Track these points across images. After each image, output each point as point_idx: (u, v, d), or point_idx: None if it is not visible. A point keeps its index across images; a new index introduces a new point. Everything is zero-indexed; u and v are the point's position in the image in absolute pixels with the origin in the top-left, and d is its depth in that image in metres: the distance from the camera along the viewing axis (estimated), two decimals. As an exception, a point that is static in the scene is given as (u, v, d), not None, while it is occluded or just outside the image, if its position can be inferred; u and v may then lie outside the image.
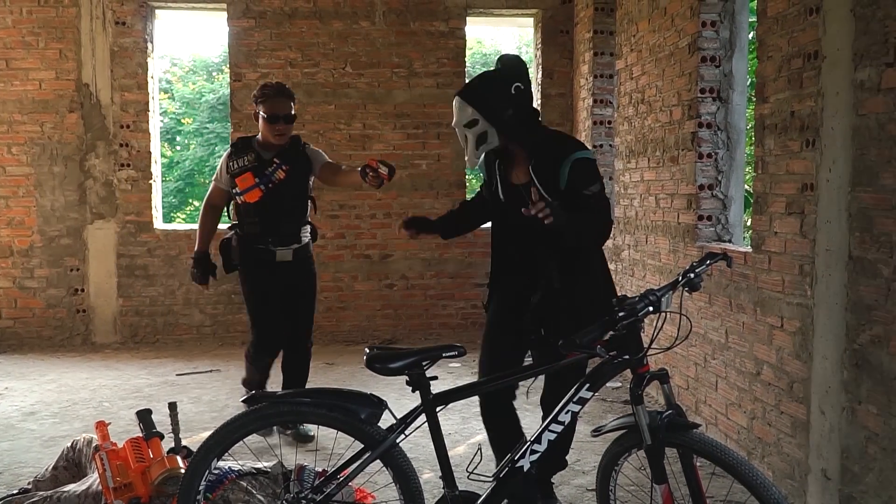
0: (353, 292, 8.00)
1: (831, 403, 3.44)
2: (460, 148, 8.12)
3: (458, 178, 8.11)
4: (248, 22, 7.76)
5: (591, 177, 3.29)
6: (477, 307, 8.06)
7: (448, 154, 7.98)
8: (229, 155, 4.79)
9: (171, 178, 21.51)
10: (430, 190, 8.02)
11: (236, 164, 4.72)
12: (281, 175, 4.67)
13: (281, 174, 4.67)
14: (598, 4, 7.28)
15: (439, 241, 7.90)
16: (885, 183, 3.06)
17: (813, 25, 3.57)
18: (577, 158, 3.27)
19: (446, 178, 8.05)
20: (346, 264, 7.99)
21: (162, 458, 3.47)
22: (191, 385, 6.30)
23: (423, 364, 2.69)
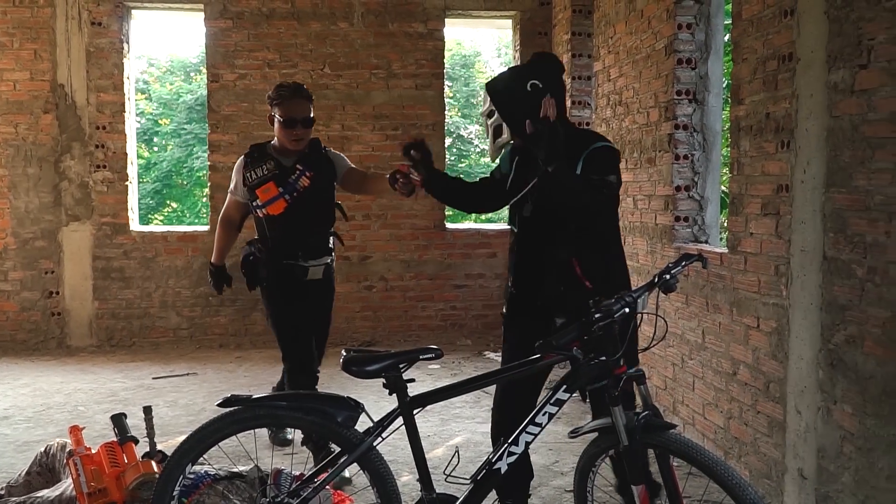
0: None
1: (807, 403, 3.46)
2: (439, 149, 8.21)
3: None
4: (225, 22, 7.71)
5: (604, 165, 3.16)
6: (456, 308, 8.07)
7: (427, 155, 7.94)
8: (245, 165, 4.34)
9: (148, 180, 21.34)
10: (408, 191, 7.98)
11: (254, 174, 4.28)
12: (305, 182, 4.25)
13: (305, 181, 4.26)
14: (575, 6, 7.30)
15: (418, 241, 7.94)
16: (858, 184, 3.09)
17: (788, 28, 3.60)
18: (594, 147, 3.18)
19: (425, 180, 8.02)
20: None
21: (137, 462, 3.44)
22: (167, 389, 6.25)
23: (400, 366, 2.68)
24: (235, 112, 7.78)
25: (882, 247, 2.95)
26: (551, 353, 2.62)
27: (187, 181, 21.60)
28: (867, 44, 3.02)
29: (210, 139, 7.88)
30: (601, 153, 3.18)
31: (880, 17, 2.94)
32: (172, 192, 21.95)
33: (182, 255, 7.83)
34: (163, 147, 22.14)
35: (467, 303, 8.15)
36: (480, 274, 8.16)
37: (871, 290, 3.02)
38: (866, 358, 3.05)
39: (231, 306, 7.87)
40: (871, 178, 3.01)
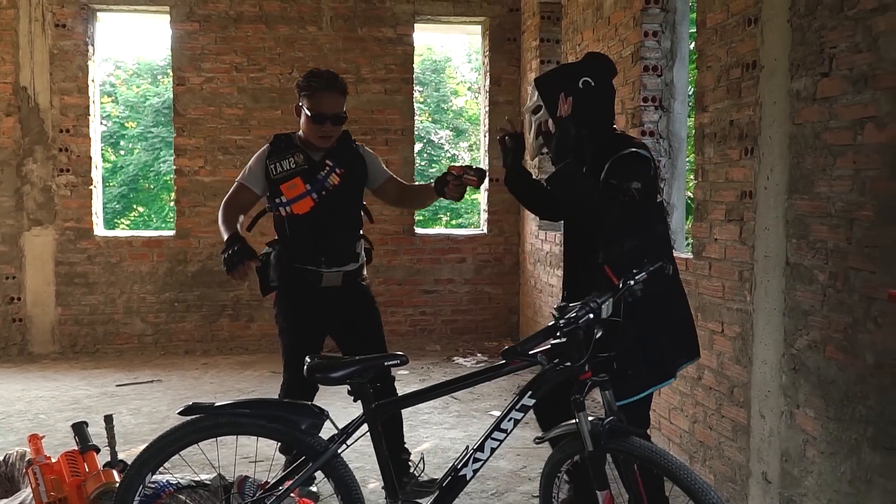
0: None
1: (771, 407, 3.49)
2: (409, 154, 8.22)
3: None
4: (191, 25, 7.65)
5: (626, 170, 2.99)
6: (425, 314, 8.06)
7: (396, 160, 7.95)
8: (269, 155, 3.86)
9: (114, 184, 21.09)
10: (377, 196, 7.97)
11: (279, 166, 3.81)
12: (335, 180, 3.83)
13: (335, 179, 3.83)
14: (544, 13, 7.34)
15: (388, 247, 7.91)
16: (820, 190, 3.12)
17: (751, 36, 3.63)
18: (623, 153, 3.02)
19: (394, 185, 8.01)
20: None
21: (98, 472, 3.39)
22: (131, 396, 6.17)
23: (365, 373, 2.66)
24: (202, 116, 7.71)
25: (843, 253, 2.99)
26: (516, 359, 2.61)
27: (154, 185, 21.38)
28: (829, 52, 3.06)
29: (176, 143, 7.81)
30: (626, 159, 3.02)
31: (842, 25, 2.98)
32: (139, 196, 21.72)
33: (147, 261, 7.75)
34: (129, 151, 21.90)
35: (436, 308, 8.15)
36: (450, 279, 8.16)
37: (832, 295, 3.05)
38: (828, 363, 3.08)
39: (197, 312, 7.80)
40: (833, 185, 3.04)
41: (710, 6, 4.04)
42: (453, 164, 3.60)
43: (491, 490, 4.22)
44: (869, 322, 2.84)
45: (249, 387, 6.45)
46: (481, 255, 8.25)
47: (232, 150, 7.76)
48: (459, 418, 5.52)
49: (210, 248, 7.77)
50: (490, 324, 8.26)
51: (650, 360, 3.05)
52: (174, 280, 7.77)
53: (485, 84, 8.36)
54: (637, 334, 2.90)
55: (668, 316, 3.12)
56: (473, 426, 5.30)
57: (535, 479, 4.28)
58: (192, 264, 7.78)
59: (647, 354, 3.02)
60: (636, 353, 2.95)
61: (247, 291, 7.81)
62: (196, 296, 7.81)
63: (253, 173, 3.89)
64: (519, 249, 8.24)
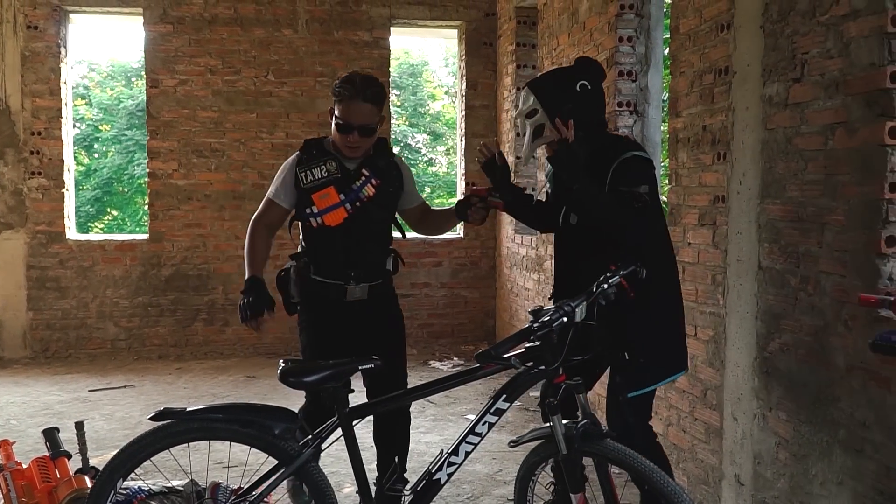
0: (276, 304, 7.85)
1: (743, 410, 3.52)
2: (384, 158, 8.15)
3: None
4: (165, 27, 7.60)
5: (633, 175, 3.04)
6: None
7: (372, 164, 7.92)
8: (299, 162, 3.56)
9: (87, 187, 20.88)
10: (353, 200, 7.96)
11: (311, 174, 3.50)
12: (370, 191, 3.53)
13: (370, 190, 3.53)
14: (520, 18, 7.36)
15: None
16: (791, 195, 3.15)
17: (724, 42, 3.66)
18: (626, 157, 3.06)
19: (370, 189, 8.00)
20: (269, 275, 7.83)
21: (69, 478, 3.37)
22: (104, 401, 6.11)
23: (339, 377, 2.65)
24: (176, 118, 7.66)
25: (814, 257, 3.02)
26: (490, 362, 2.61)
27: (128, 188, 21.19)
28: (801, 58, 3.09)
29: (149, 146, 7.75)
30: (630, 163, 3.06)
31: (814, 31, 3.00)
32: (113, 199, 21.51)
33: (120, 265, 7.68)
34: (103, 153, 21.70)
35: (412, 312, 8.11)
36: (426, 283, 8.15)
37: (803, 299, 3.08)
38: (800, 366, 3.11)
39: (171, 316, 7.74)
40: (804, 190, 3.07)
41: (683, 12, 4.07)
42: (474, 187, 3.51)
43: (466, 494, 4.22)
44: (840, 325, 2.87)
45: (224, 392, 6.41)
46: (458, 258, 8.25)
47: (206, 153, 7.71)
48: (435, 422, 5.52)
49: (184, 251, 7.72)
50: (466, 327, 8.27)
51: (665, 350, 3.15)
52: (148, 284, 7.70)
53: (461, 88, 8.37)
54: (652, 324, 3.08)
55: (679, 307, 3.25)
56: (449, 430, 5.29)
57: (511, 482, 4.27)
58: (165, 268, 7.72)
59: (661, 345, 3.12)
60: (651, 343, 3.06)
61: (221, 295, 7.77)
62: (170, 300, 7.75)
63: (282, 186, 3.59)
64: (495, 253, 8.25)
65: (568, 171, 3.00)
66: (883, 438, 2.64)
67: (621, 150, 3.10)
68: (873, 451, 2.69)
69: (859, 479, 2.76)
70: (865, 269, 2.74)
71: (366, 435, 4.81)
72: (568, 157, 2.99)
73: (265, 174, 7.76)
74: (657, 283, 3.08)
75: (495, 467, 4.59)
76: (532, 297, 6.83)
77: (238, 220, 7.74)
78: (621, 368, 3.11)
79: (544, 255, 6.48)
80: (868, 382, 2.71)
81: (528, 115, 3.21)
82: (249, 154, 7.75)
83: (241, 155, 7.77)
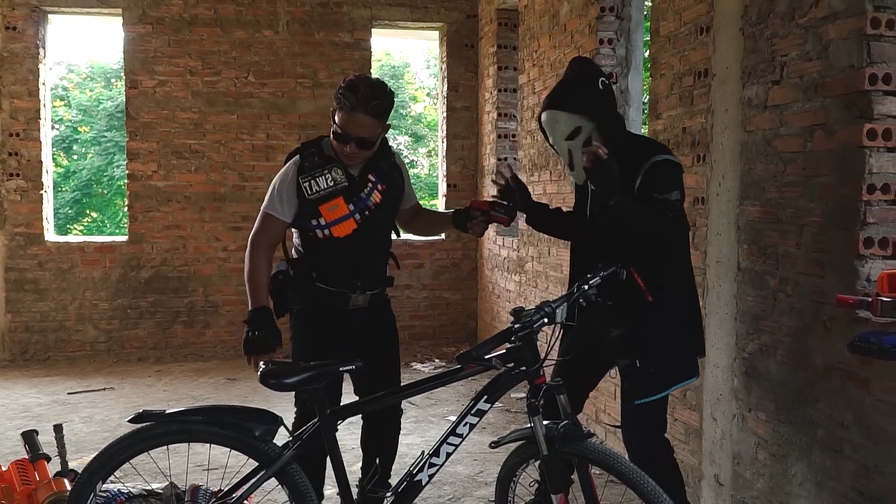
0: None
1: (722, 410, 3.54)
2: (365, 160, 8.15)
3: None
4: (144, 28, 7.55)
5: (667, 182, 2.95)
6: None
7: (353, 166, 7.92)
8: (300, 170, 3.25)
9: (66, 189, 20.73)
10: (334, 202, 7.94)
11: (316, 184, 3.22)
12: (377, 198, 3.32)
13: (377, 196, 3.32)
14: (501, 20, 7.38)
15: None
16: (770, 197, 3.17)
17: (703, 44, 3.68)
18: (656, 161, 2.95)
19: (351, 190, 7.98)
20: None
21: (48, 480, 3.36)
22: (83, 404, 6.06)
23: (320, 379, 2.64)
24: (155, 119, 7.61)
25: (793, 258, 3.04)
26: (471, 363, 2.61)
27: (108, 190, 21.05)
28: (780, 60, 3.11)
29: (128, 147, 7.69)
30: (661, 168, 2.95)
31: (793, 33, 3.03)
32: (92, 201, 21.36)
33: (99, 267, 7.62)
34: (82, 155, 21.54)
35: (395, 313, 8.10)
36: (408, 285, 8.14)
37: (782, 300, 3.10)
38: (779, 366, 3.13)
39: (151, 319, 7.69)
40: (783, 192, 3.09)
41: (663, 15, 4.09)
42: (477, 199, 3.39)
43: (447, 495, 4.22)
44: (818, 326, 2.89)
45: (204, 394, 6.37)
46: (439, 260, 8.25)
47: (186, 155, 7.67)
48: (417, 424, 5.51)
49: (164, 253, 7.67)
50: (448, 329, 8.26)
51: (676, 355, 3.07)
52: (127, 286, 7.65)
53: (443, 90, 8.38)
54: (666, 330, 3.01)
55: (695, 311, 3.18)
56: (431, 431, 5.29)
57: (492, 483, 4.28)
58: (145, 270, 7.67)
59: (673, 350, 3.05)
60: (663, 349, 3.00)
61: (201, 297, 7.73)
62: (149, 302, 7.70)
63: (282, 198, 3.27)
64: (477, 255, 8.25)
65: (604, 188, 2.84)
66: (861, 439, 2.66)
67: (650, 153, 2.99)
68: (852, 452, 2.71)
69: (838, 479, 2.78)
70: (844, 270, 2.76)
71: (346, 436, 4.80)
72: (604, 173, 2.81)
73: (246, 176, 7.75)
74: (674, 287, 3.05)
75: (476, 468, 4.59)
76: (513, 299, 6.84)
77: (218, 221, 7.71)
78: (631, 375, 3.02)
79: (525, 256, 6.49)
80: (847, 383, 2.73)
81: (571, 137, 3.01)
82: (230, 155, 7.72)
83: (222, 156, 7.73)
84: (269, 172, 7.76)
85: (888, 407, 2.54)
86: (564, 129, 3.01)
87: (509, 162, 7.34)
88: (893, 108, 2.67)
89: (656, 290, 2.98)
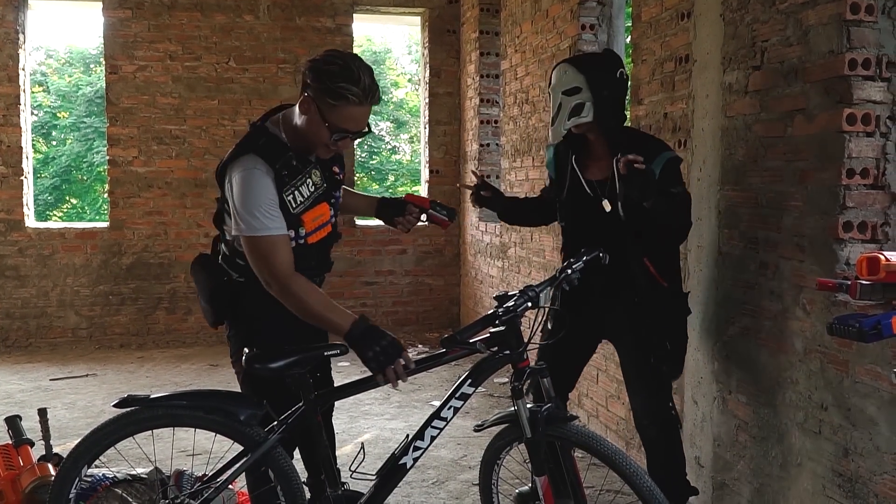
0: None
1: (703, 393, 3.58)
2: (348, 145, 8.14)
3: (347, 175, 8.02)
4: (124, 13, 7.48)
5: (679, 177, 3.21)
6: (366, 305, 8.03)
7: (335, 151, 7.90)
8: (277, 180, 2.66)
9: (46, 175, 20.54)
10: (317, 188, 7.92)
11: (299, 193, 2.72)
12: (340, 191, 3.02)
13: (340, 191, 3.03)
14: (483, 5, 7.36)
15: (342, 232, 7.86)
16: (751, 181, 3.20)
17: (684, 30, 3.70)
18: (669, 158, 3.14)
19: (334, 176, 7.96)
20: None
21: (32, 465, 3.37)
22: (65, 390, 6.03)
23: (305, 363, 2.65)
24: (135, 105, 7.55)
25: (773, 242, 3.07)
26: (455, 347, 2.62)
27: (87, 176, 20.89)
28: (761, 45, 3.13)
29: (109, 133, 7.63)
30: (674, 165, 3.17)
31: (774, 19, 3.04)
32: (72, 187, 21.20)
33: (80, 253, 7.57)
34: (62, 141, 21.34)
35: (378, 299, 8.14)
36: (391, 271, 8.15)
37: (763, 284, 3.13)
38: (759, 350, 3.17)
39: (133, 305, 7.65)
40: (763, 176, 3.12)
41: (644, 0, 4.10)
42: (412, 194, 3.11)
43: (432, 479, 4.24)
44: (798, 309, 2.92)
45: (186, 380, 6.36)
46: (422, 246, 8.26)
47: (167, 140, 7.62)
48: (400, 409, 5.53)
49: (145, 239, 7.63)
50: (431, 315, 8.28)
51: None
52: (108, 272, 7.61)
53: (425, 76, 8.36)
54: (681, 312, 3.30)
55: None
56: (414, 416, 5.31)
57: (476, 467, 4.29)
58: (126, 256, 7.63)
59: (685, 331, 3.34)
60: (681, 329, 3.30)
61: (183, 284, 7.69)
62: (131, 288, 7.66)
63: (273, 215, 2.65)
64: (460, 241, 8.27)
65: (642, 192, 2.94)
66: (840, 420, 2.70)
67: (657, 149, 3.16)
68: (831, 433, 2.75)
69: (817, 460, 2.82)
70: (823, 253, 2.79)
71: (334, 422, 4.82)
72: (643, 180, 2.91)
73: (228, 161, 7.69)
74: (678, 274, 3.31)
75: (460, 452, 4.62)
76: (496, 284, 6.86)
77: (200, 207, 7.66)
78: (664, 358, 3.24)
79: (508, 242, 6.50)
80: (826, 365, 2.77)
81: (568, 93, 3.19)
82: (211, 141, 7.67)
83: (203, 142, 7.69)
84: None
85: (866, 389, 2.58)
86: (566, 83, 3.20)
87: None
88: (872, 93, 2.70)
89: (670, 275, 3.22)
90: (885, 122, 2.72)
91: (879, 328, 2.06)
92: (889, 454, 2.49)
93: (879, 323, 2.07)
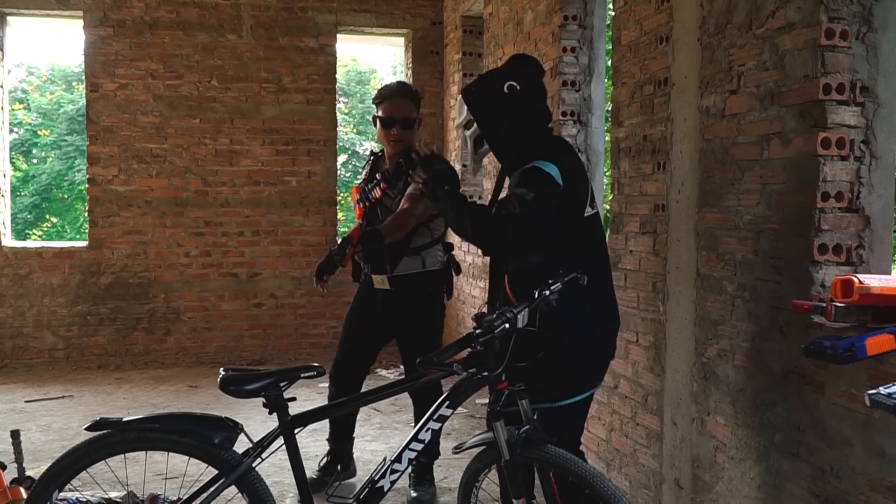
0: (220, 312, 7.76)
1: (682, 414, 3.57)
2: (331, 164, 8.18)
3: (328, 195, 8.04)
4: (105, 31, 7.46)
5: (526, 182, 2.85)
6: (347, 326, 7.98)
7: (318, 171, 7.91)
8: None
9: (25, 193, 20.41)
10: (300, 207, 7.92)
11: (362, 172, 4.42)
12: (378, 193, 4.14)
13: (378, 192, 4.14)
14: (466, 27, 7.41)
15: (309, 258, 7.83)
16: (728, 204, 3.22)
17: (663, 54, 3.73)
18: (526, 167, 2.91)
19: (316, 196, 7.97)
20: (212, 283, 7.76)
21: (4, 489, 3.30)
22: (41, 412, 5.96)
23: (281, 385, 2.63)
24: (116, 123, 7.52)
25: (751, 264, 3.08)
26: (432, 369, 2.61)
27: (68, 195, 20.77)
28: (737, 70, 3.16)
29: (89, 151, 7.60)
30: (527, 171, 2.89)
31: (750, 44, 3.08)
32: (52, 206, 21.07)
33: (58, 272, 7.50)
34: (42, 159, 21.22)
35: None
36: (371, 291, 8.12)
37: (740, 305, 3.15)
38: (737, 371, 3.17)
39: (111, 325, 7.58)
40: (741, 199, 3.14)
41: (624, 24, 4.14)
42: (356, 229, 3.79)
43: (411, 502, 4.20)
44: (775, 331, 2.93)
45: (165, 402, 6.30)
46: (404, 266, 8.22)
47: (147, 159, 7.59)
48: (381, 430, 5.50)
49: (124, 259, 7.57)
50: (412, 335, 8.24)
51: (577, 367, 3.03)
52: (87, 292, 7.54)
53: (407, 96, 8.37)
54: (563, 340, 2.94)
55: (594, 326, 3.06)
56: (395, 438, 5.27)
57: (455, 489, 4.28)
58: (105, 276, 7.56)
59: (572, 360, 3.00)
60: None
61: (162, 304, 7.64)
62: (109, 308, 7.59)
63: None
64: (441, 261, 8.24)
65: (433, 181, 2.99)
66: (817, 442, 2.71)
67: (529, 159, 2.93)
68: (808, 455, 2.75)
69: (795, 481, 2.82)
70: (799, 276, 2.81)
71: (309, 443, 4.78)
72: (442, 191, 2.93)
73: (209, 181, 7.68)
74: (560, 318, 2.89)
75: (440, 474, 4.59)
76: (478, 305, 6.85)
77: (180, 227, 7.63)
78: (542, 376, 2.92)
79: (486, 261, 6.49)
80: (803, 387, 2.78)
81: (466, 127, 3.14)
82: (192, 160, 7.65)
83: (184, 161, 7.66)
84: (232, 177, 7.80)
85: (842, 410, 2.59)
86: (462, 119, 3.16)
87: None
88: (847, 117, 2.73)
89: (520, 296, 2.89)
90: (859, 146, 2.74)
91: (854, 350, 2.08)
92: (864, 475, 2.49)
93: (854, 345, 2.08)
